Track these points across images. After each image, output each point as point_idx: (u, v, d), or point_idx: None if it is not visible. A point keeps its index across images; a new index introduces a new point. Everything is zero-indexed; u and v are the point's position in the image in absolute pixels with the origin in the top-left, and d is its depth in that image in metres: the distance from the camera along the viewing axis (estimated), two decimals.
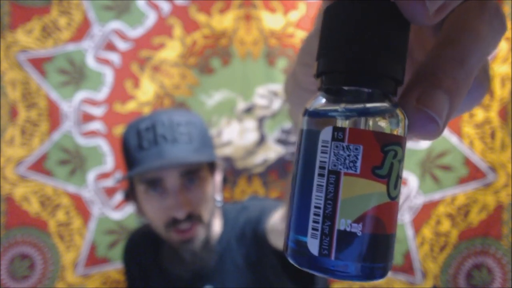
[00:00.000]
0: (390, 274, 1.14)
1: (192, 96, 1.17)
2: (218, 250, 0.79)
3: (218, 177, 0.83)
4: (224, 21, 1.17)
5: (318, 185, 0.16)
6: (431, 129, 0.16)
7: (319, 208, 0.16)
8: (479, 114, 1.09)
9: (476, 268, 1.11)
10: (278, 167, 1.17)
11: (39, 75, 1.13)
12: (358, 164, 0.16)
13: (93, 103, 1.15)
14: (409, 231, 1.12)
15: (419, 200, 1.12)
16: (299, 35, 1.16)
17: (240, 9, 1.16)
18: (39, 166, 1.13)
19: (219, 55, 1.17)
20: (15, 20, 1.11)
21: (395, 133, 0.16)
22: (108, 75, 1.15)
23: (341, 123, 0.16)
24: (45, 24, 1.13)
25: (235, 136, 1.17)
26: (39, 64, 1.13)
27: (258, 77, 1.16)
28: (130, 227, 1.12)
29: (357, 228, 0.16)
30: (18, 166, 1.12)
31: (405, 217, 1.12)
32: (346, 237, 0.16)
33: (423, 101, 0.16)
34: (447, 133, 1.11)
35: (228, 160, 1.16)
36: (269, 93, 1.17)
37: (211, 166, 0.80)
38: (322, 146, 0.16)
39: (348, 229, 0.16)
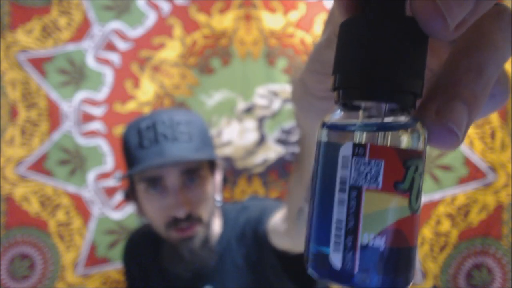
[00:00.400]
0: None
1: (192, 96, 1.17)
2: (218, 250, 0.79)
3: (218, 177, 0.83)
4: (224, 21, 1.17)
5: (339, 200, 0.16)
6: (451, 141, 0.16)
7: (341, 221, 0.16)
8: None
9: (476, 268, 1.11)
10: (278, 167, 1.17)
11: (39, 75, 1.13)
12: (380, 179, 0.16)
13: (93, 103, 1.15)
14: None
15: None
16: (299, 35, 1.16)
17: (240, 9, 1.16)
18: (39, 166, 1.13)
19: (219, 55, 1.17)
20: (15, 20, 1.11)
21: (415, 147, 0.16)
22: (108, 75, 1.15)
23: (360, 137, 0.16)
24: (45, 24, 1.13)
25: (235, 136, 1.17)
26: (39, 64, 1.13)
27: (258, 77, 1.16)
28: (130, 227, 1.12)
29: (380, 242, 0.16)
30: (18, 166, 1.12)
31: None
32: (369, 251, 0.16)
33: (442, 113, 0.16)
34: None
35: (228, 160, 1.16)
36: (269, 93, 1.17)
37: (211, 166, 0.80)
38: (343, 161, 0.16)
39: (371, 244, 0.16)
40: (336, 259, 0.17)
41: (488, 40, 0.16)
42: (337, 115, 0.18)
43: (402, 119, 0.17)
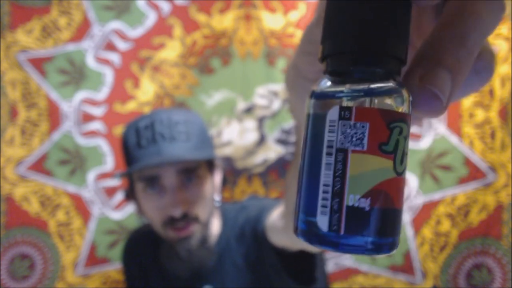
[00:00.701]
0: (390, 274, 1.14)
1: (192, 96, 1.17)
2: (217, 250, 0.79)
3: (217, 177, 0.83)
4: (224, 21, 1.17)
5: (326, 163, 0.17)
6: (435, 106, 0.17)
7: (328, 185, 0.17)
8: (479, 114, 1.09)
9: (476, 268, 1.11)
10: (278, 167, 1.17)
11: (39, 75, 1.13)
12: (365, 141, 0.16)
13: (93, 103, 1.15)
14: (409, 231, 1.12)
15: (419, 200, 1.12)
16: (299, 35, 1.16)
17: (240, 9, 1.16)
18: (39, 166, 1.13)
19: (219, 55, 1.17)
20: (15, 20, 1.11)
21: (400, 110, 0.17)
22: (108, 75, 1.15)
23: (347, 103, 0.17)
24: (45, 24, 1.13)
25: (235, 136, 1.17)
26: (39, 64, 1.13)
27: (258, 77, 1.16)
28: (130, 227, 1.12)
29: (365, 203, 0.16)
30: (18, 166, 1.12)
31: (405, 217, 1.12)
32: (355, 212, 0.16)
33: (426, 79, 0.16)
34: (447, 133, 1.11)
35: (228, 160, 1.16)
36: (269, 93, 1.17)
37: (210, 166, 0.80)
38: (330, 125, 0.17)
39: (356, 205, 0.16)
40: (323, 223, 0.17)
41: (472, 10, 0.17)
42: (325, 84, 0.18)
43: (389, 84, 0.17)
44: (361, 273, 1.15)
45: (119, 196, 1.15)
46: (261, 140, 1.17)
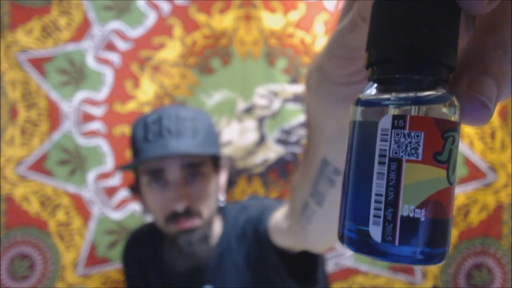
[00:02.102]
0: (390, 274, 1.14)
1: (192, 96, 1.17)
2: (217, 250, 0.79)
3: (223, 177, 0.83)
4: (224, 21, 1.17)
5: (378, 173, 0.17)
6: (483, 114, 0.17)
7: (380, 195, 0.16)
8: None
9: (476, 268, 1.11)
10: (278, 167, 1.17)
11: (39, 75, 1.13)
12: (420, 150, 0.16)
13: (93, 103, 1.15)
14: None
15: None
16: (299, 35, 1.16)
17: (240, 9, 1.16)
18: (39, 166, 1.13)
19: (219, 55, 1.17)
20: (15, 20, 1.11)
21: (453, 119, 0.17)
22: (108, 75, 1.15)
23: (396, 111, 0.16)
24: (45, 24, 1.13)
25: (235, 136, 1.17)
26: (39, 64, 1.13)
27: (258, 77, 1.16)
28: (130, 227, 1.12)
29: (420, 214, 0.16)
30: (18, 166, 1.12)
31: None
32: (410, 223, 0.16)
33: (474, 87, 0.17)
34: None
35: (229, 160, 1.16)
36: (269, 93, 1.17)
37: (216, 164, 0.80)
38: (382, 134, 0.17)
39: (411, 215, 0.16)
40: (376, 233, 0.17)
41: None
42: (370, 91, 0.18)
43: (439, 93, 0.17)
44: (361, 273, 1.15)
45: (119, 196, 1.15)
46: (261, 140, 1.17)
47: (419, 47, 0.16)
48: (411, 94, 0.17)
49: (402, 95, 0.17)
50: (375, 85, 0.18)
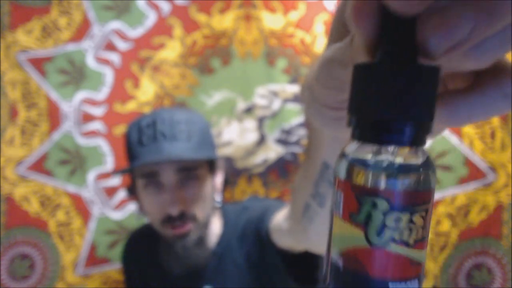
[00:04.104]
0: None
1: (192, 96, 1.17)
2: (218, 250, 0.80)
3: (218, 178, 0.83)
4: (224, 21, 1.16)
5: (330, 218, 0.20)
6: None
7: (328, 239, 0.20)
8: None
9: (476, 268, 1.11)
10: (278, 167, 1.17)
11: (39, 75, 1.13)
12: (341, 208, 0.18)
13: (93, 103, 1.15)
14: None
15: None
16: (299, 35, 1.16)
17: (240, 9, 1.16)
18: (39, 166, 1.13)
19: (219, 55, 1.17)
20: (15, 20, 1.11)
21: (381, 188, 0.17)
22: (108, 75, 1.15)
23: (372, 176, 0.18)
24: (45, 24, 1.13)
25: (235, 136, 1.17)
26: (39, 64, 1.13)
27: (258, 77, 1.16)
28: (130, 227, 1.12)
29: (339, 262, 0.18)
30: (18, 166, 1.12)
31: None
32: (334, 268, 0.19)
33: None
34: (447, 133, 1.11)
35: (228, 160, 1.16)
36: (269, 93, 1.16)
37: (211, 166, 0.80)
38: (335, 185, 0.19)
39: (334, 261, 0.19)
40: (323, 270, 0.20)
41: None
42: (352, 149, 0.19)
43: (415, 158, 0.18)
44: None
45: (119, 196, 1.15)
46: (261, 140, 1.17)
47: (396, 110, 0.16)
48: (390, 159, 0.17)
49: (379, 157, 0.18)
50: (357, 143, 0.18)
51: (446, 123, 0.19)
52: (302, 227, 0.45)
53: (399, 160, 0.17)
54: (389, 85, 0.16)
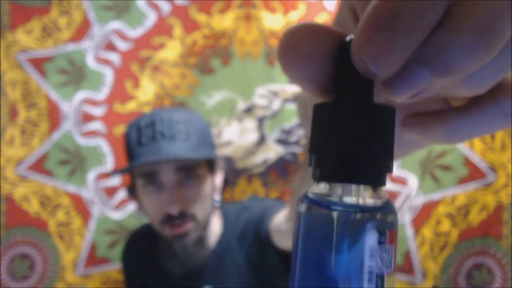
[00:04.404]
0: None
1: (192, 96, 1.17)
2: (218, 250, 0.80)
3: (218, 177, 0.83)
4: (224, 21, 1.17)
5: None
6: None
7: None
8: None
9: (476, 268, 1.11)
10: (278, 167, 1.17)
11: (39, 75, 1.13)
12: (393, 261, 0.17)
13: (93, 103, 1.15)
14: (409, 231, 1.12)
15: (419, 200, 1.12)
16: None
17: (240, 9, 1.16)
18: (39, 166, 1.13)
19: (219, 55, 1.17)
20: (15, 20, 1.11)
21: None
22: (108, 75, 1.15)
23: (346, 216, 0.17)
24: (45, 24, 1.13)
25: (235, 136, 1.17)
26: (39, 64, 1.13)
27: (258, 77, 1.16)
28: (130, 227, 1.12)
29: None
30: (18, 166, 1.12)
31: (405, 217, 1.12)
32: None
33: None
34: None
35: (228, 160, 1.16)
36: (269, 93, 1.17)
37: (211, 166, 0.80)
38: (371, 251, 0.17)
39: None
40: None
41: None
42: (316, 190, 0.18)
43: (376, 200, 0.17)
44: None
45: (119, 196, 1.15)
46: (261, 140, 1.17)
47: (355, 159, 0.16)
48: (356, 201, 0.17)
49: (347, 199, 0.17)
50: (321, 184, 0.18)
51: (446, 140, 0.18)
52: None
53: (360, 201, 0.17)
54: (344, 125, 0.16)
